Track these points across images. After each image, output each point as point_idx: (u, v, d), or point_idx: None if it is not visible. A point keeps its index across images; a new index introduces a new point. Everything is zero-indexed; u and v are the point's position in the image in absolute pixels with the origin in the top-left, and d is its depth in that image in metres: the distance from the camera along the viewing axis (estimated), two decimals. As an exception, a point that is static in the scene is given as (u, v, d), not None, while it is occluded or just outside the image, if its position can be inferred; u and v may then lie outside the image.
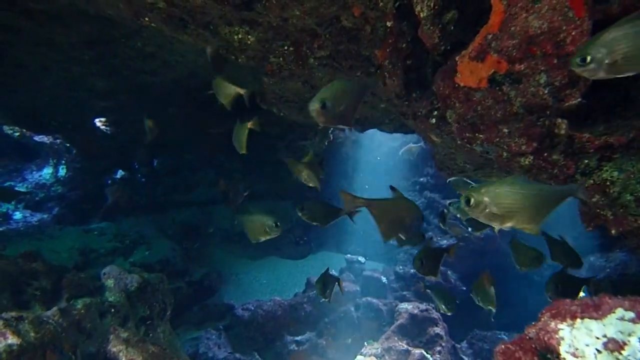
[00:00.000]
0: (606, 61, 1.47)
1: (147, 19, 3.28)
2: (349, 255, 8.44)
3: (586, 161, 1.91)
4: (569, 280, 2.98)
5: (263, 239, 3.07)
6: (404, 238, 2.57)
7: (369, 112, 4.41)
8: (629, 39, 1.45)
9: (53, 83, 5.40)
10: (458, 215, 4.30)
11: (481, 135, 2.10)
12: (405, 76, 2.68)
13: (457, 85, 2.02)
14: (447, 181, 4.93)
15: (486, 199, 1.79)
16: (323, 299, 3.56)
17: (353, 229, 9.63)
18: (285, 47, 3.40)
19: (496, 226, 1.87)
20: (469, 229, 4.29)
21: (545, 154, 1.98)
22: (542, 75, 1.73)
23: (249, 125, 3.72)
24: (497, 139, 2.05)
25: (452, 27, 2.11)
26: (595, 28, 1.64)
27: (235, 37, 3.37)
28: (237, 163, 8.22)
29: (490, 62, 1.84)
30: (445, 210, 4.41)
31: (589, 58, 1.47)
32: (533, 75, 1.76)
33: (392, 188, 2.42)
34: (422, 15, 2.14)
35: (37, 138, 8.43)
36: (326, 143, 7.84)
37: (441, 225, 4.83)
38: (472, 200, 1.81)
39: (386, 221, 2.32)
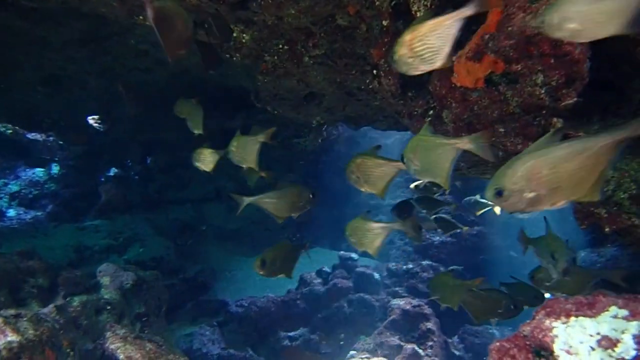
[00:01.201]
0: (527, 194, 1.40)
1: (141, 17, 3.26)
2: (342, 252, 8.46)
3: (580, 160, 1.93)
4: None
5: (295, 215, 2.86)
6: None
7: (363, 109, 4.42)
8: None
9: (46, 81, 5.36)
10: (424, 211, 4.20)
11: (477, 135, 2.12)
12: (401, 76, 2.69)
13: (453, 85, 2.04)
14: (462, 201, 4.85)
15: (410, 154, 1.94)
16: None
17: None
18: (280, 46, 3.40)
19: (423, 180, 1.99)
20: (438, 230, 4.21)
21: (540, 153, 2.01)
22: (539, 75, 1.75)
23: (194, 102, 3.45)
24: (493, 139, 2.07)
25: (449, 27, 2.13)
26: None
27: (231, 35, 3.36)
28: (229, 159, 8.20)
29: (487, 62, 1.85)
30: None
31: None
32: (530, 75, 1.77)
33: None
34: (418, 14, 2.15)
35: (29, 136, 8.37)
36: (320, 140, 7.85)
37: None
38: (404, 159, 1.97)
39: None
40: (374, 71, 2.90)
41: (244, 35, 3.35)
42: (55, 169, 8.53)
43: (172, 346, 4.32)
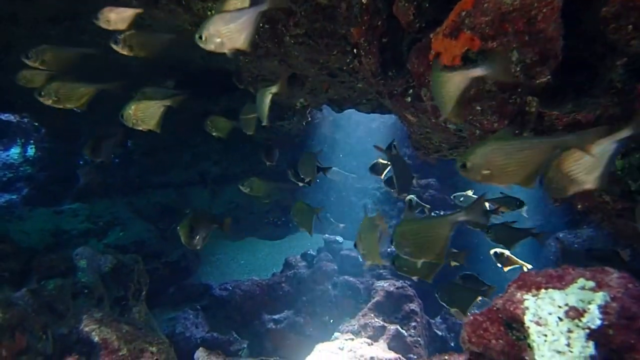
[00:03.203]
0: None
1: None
2: (326, 235, 8.50)
3: (555, 139, 1.95)
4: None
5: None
6: None
7: (346, 92, 4.39)
8: None
9: (18, 60, 5.16)
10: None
11: (455, 114, 2.12)
12: (381, 54, 2.67)
13: (431, 62, 2.02)
14: (452, 196, 5.10)
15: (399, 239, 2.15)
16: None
17: (330, 210, 9.71)
18: (261, 25, 3.33)
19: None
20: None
21: (517, 132, 2.02)
22: (514, 53, 1.75)
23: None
24: (470, 117, 2.07)
25: (427, 4, 2.11)
26: (566, 5, 1.66)
27: (209, 13, 3.29)
28: (214, 144, 8.11)
29: (463, 39, 1.84)
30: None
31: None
32: (505, 52, 1.77)
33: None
34: (397, -9, 2.13)
35: (2, 116, 8.11)
36: (304, 123, 7.80)
37: None
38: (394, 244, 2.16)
39: None
40: (355, 50, 2.87)
41: (223, 13, 3.27)
42: (30, 151, 8.30)
43: (154, 329, 4.31)
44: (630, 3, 1.56)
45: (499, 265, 3.69)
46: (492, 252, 3.75)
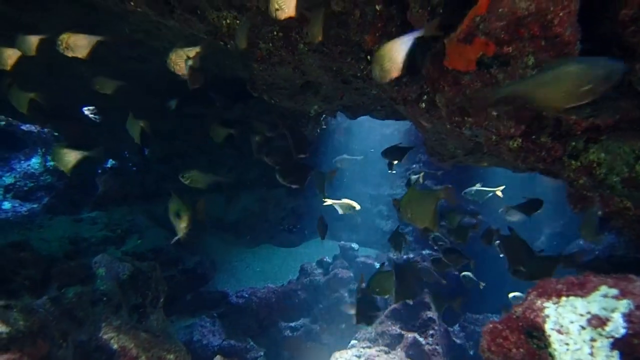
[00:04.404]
0: None
1: (132, 3, 3.22)
2: (342, 242, 8.50)
3: (573, 143, 1.92)
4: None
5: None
6: None
7: (360, 99, 4.39)
8: None
9: (37, 70, 5.29)
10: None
11: (470, 119, 2.11)
12: (395, 61, 2.66)
13: (445, 68, 2.01)
14: (462, 193, 5.16)
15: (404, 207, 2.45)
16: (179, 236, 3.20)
17: (346, 216, 9.68)
18: (275, 33, 3.36)
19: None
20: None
21: (534, 137, 1.99)
22: (530, 57, 1.73)
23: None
24: (486, 122, 2.05)
25: (441, 10, 2.10)
26: (582, 8, 1.63)
27: (224, 22, 3.33)
28: (228, 150, 8.18)
29: (478, 44, 1.83)
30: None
31: None
32: (521, 57, 1.75)
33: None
34: (411, -3, 2.12)
35: (24, 127, 8.30)
36: (318, 130, 7.83)
37: None
38: (400, 211, 2.39)
39: None
40: (368, 57, 2.87)
41: (238, 21, 3.31)
42: (50, 160, 8.49)
43: (171, 337, 4.34)
44: (649, 5, 1.53)
45: (501, 255, 3.91)
46: (496, 243, 4.05)
